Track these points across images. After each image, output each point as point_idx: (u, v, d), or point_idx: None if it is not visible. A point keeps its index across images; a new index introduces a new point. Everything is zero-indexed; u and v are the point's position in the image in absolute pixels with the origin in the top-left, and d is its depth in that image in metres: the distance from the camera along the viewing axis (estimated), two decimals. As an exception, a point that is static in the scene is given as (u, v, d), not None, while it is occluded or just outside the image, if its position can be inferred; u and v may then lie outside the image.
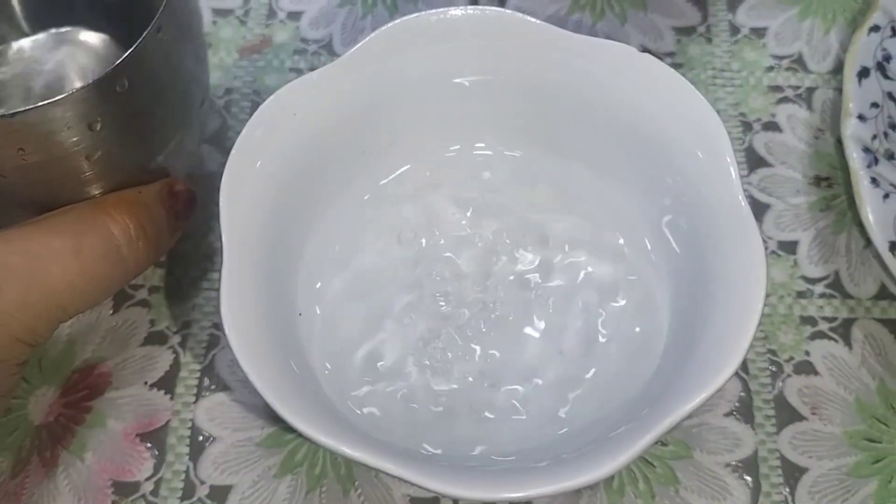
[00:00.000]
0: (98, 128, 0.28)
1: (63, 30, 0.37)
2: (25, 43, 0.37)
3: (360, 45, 0.30)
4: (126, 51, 0.27)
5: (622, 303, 0.33)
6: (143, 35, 0.27)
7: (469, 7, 0.30)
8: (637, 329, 0.32)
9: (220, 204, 0.27)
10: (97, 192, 0.31)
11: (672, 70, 0.29)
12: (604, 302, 0.33)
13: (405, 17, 0.30)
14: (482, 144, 0.34)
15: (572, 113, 0.32)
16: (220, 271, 0.27)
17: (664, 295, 0.31)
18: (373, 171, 0.34)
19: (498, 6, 0.43)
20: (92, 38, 0.37)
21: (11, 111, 0.26)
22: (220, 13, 0.43)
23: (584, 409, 0.30)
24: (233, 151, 0.28)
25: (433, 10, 0.30)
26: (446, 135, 0.34)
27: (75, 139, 0.28)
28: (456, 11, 0.30)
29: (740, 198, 0.27)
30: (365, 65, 0.30)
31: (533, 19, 0.31)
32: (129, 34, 0.28)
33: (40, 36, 0.37)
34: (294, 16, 0.43)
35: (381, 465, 0.23)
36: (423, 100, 0.32)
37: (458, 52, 0.31)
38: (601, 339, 0.32)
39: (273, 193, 0.29)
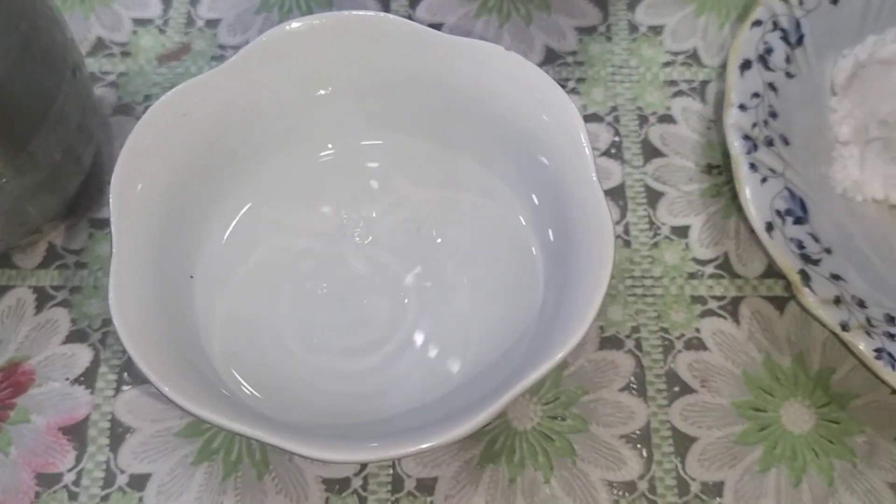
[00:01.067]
0: None
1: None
2: None
3: (245, 48, 0.32)
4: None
5: (503, 276, 0.35)
6: None
7: (351, 11, 0.32)
8: (515, 300, 0.34)
9: (111, 203, 0.29)
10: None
11: (534, 66, 0.31)
12: (487, 276, 0.35)
13: (287, 22, 0.32)
14: (373, 137, 0.37)
15: (453, 107, 0.34)
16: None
17: (539, 269, 0.34)
18: (266, 168, 0.36)
19: (409, 9, 0.45)
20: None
21: None
22: (140, 23, 0.44)
23: (461, 377, 0.33)
24: (123, 150, 0.30)
25: (316, 15, 0.31)
26: (338, 128, 0.36)
27: None
28: (337, 16, 0.32)
29: (593, 176, 0.29)
30: (251, 68, 0.32)
31: (409, 21, 0.32)
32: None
33: None
34: (212, 23, 0.44)
35: (255, 433, 0.25)
36: (312, 99, 0.34)
37: (342, 54, 0.33)
38: (483, 310, 0.35)
39: (164, 192, 0.30)
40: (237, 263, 0.34)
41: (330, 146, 0.36)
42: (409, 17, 0.45)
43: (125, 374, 0.36)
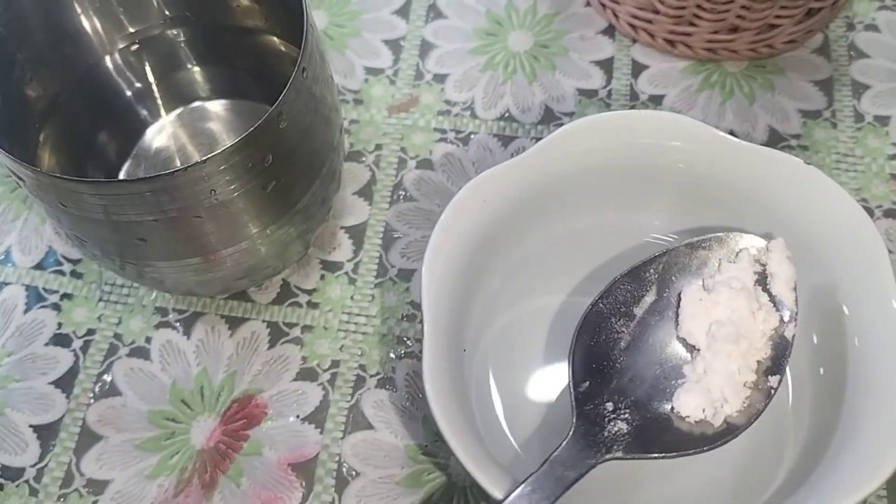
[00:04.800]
0: (270, 161, 0.31)
1: (193, 105, 0.44)
2: (167, 120, 0.43)
3: (538, 144, 0.34)
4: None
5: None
6: (292, 76, 0.30)
7: (644, 111, 0.34)
8: (776, 420, 0.34)
9: (423, 282, 0.31)
10: (272, 223, 0.34)
11: (834, 182, 0.31)
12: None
13: (586, 118, 0.34)
14: (649, 219, 0.38)
15: (735, 206, 0.35)
16: (422, 334, 0.32)
17: (807, 399, 0.34)
18: (537, 241, 0.37)
19: (631, 78, 0.46)
20: (215, 105, 0.44)
21: (203, 157, 0.29)
22: (372, 71, 0.46)
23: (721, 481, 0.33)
24: (435, 231, 0.32)
25: (614, 112, 0.33)
26: (616, 211, 0.37)
27: (253, 174, 0.31)
28: (623, 114, 0.34)
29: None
30: (541, 160, 0.33)
31: (705, 125, 0.34)
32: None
33: (176, 112, 0.44)
34: (440, 77, 0.46)
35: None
36: (594, 182, 0.35)
37: (628, 146, 0.34)
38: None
39: (457, 269, 0.32)
40: (499, 330, 0.36)
41: (602, 224, 0.37)
42: (631, 88, 0.45)
43: (351, 417, 0.37)
